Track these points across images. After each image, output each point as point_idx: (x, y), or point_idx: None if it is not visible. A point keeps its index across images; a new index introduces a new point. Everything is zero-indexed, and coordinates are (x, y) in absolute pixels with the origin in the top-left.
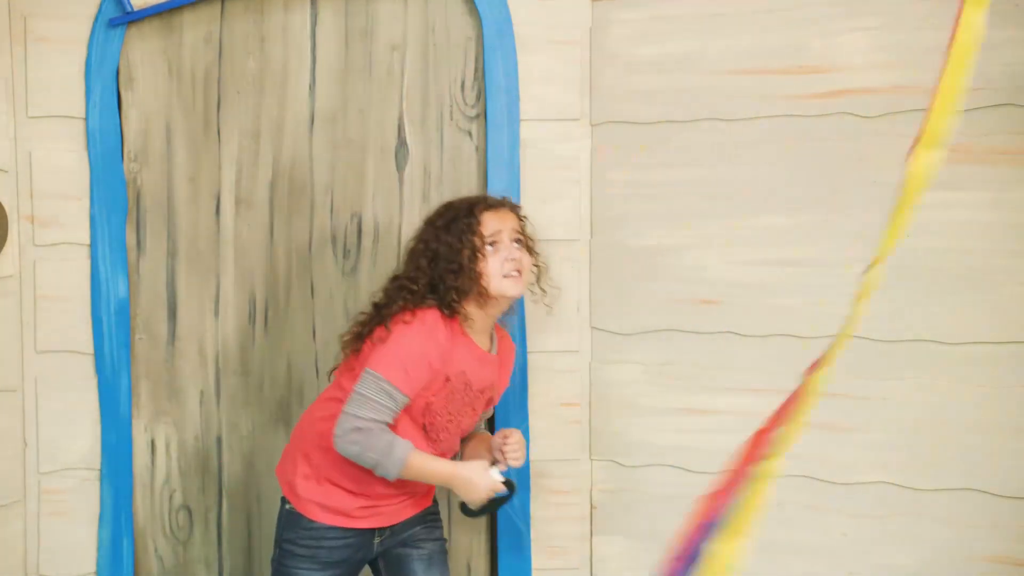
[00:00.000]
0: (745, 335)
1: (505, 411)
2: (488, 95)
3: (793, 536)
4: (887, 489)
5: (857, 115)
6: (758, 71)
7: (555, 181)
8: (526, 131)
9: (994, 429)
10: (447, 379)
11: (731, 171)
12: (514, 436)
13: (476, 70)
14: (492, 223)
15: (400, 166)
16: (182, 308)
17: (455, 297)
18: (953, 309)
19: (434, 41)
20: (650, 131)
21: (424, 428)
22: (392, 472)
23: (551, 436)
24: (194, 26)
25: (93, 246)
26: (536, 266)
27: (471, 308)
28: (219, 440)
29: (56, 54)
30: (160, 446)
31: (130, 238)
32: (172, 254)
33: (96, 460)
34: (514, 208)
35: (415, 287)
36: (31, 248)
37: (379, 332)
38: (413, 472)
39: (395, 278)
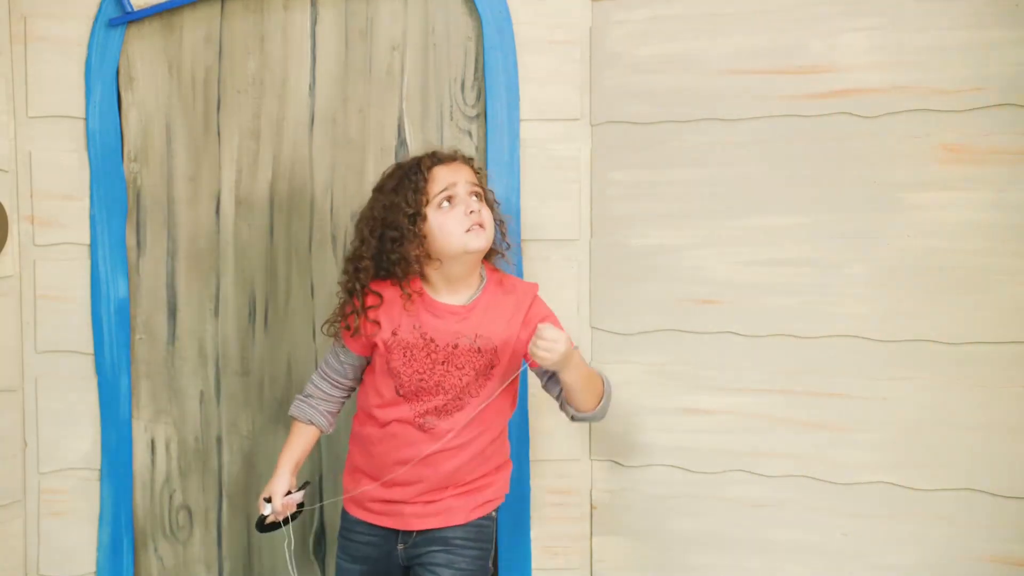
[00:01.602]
0: (745, 335)
1: None
2: (488, 95)
3: (793, 536)
4: (887, 489)
5: (857, 115)
6: (758, 71)
7: (555, 181)
8: (526, 131)
9: (994, 429)
10: (393, 333)
11: (731, 171)
12: (543, 332)
13: (476, 70)
14: (444, 177)
15: None
16: (182, 308)
17: (400, 271)
18: (953, 309)
19: (434, 41)
20: (650, 131)
21: (396, 390)
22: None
23: (551, 436)
24: (194, 26)
25: (93, 246)
26: (499, 220)
27: (429, 271)
28: (219, 440)
29: (56, 54)
30: (160, 446)
31: (130, 238)
32: (172, 254)
33: (96, 460)
34: (467, 160)
35: (363, 263)
36: (31, 248)
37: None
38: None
39: (347, 258)
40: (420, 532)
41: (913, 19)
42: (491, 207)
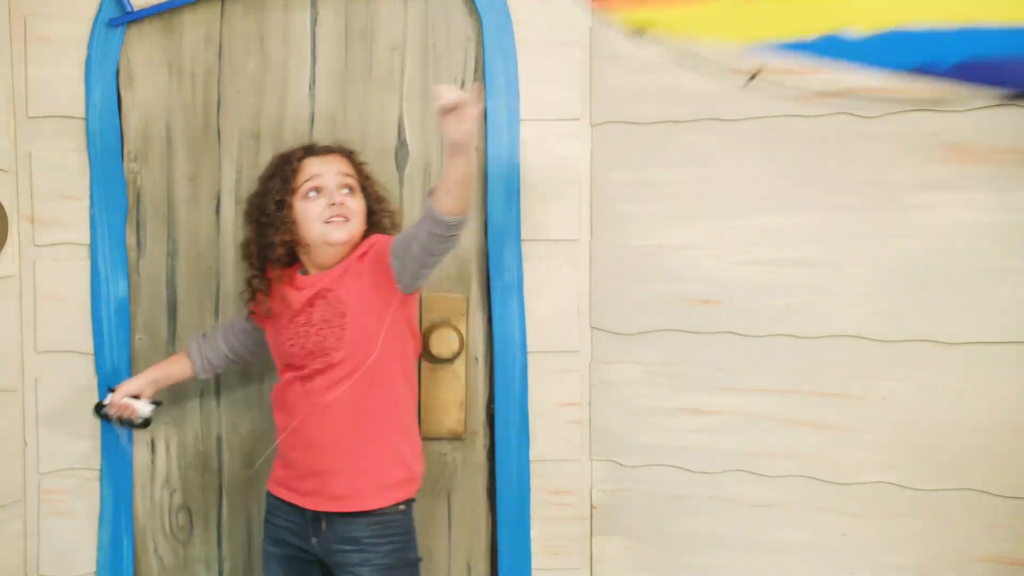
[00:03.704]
0: (745, 335)
1: (506, 411)
2: (488, 95)
3: (793, 536)
4: (887, 489)
5: (857, 115)
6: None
7: (555, 181)
8: (526, 131)
9: (994, 429)
10: (268, 309)
11: (731, 171)
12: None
13: (476, 70)
14: (312, 168)
15: (400, 166)
16: (182, 308)
17: (274, 256)
18: (953, 309)
19: (434, 41)
20: (650, 131)
21: (279, 365)
22: None
23: (551, 436)
24: (194, 26)
25: (93, 246)
26: (387, 212)
27: (300, 255)
28: (219, 440)
29: (56, 54)
30: (160, 446)
31: (130, 238)
32: (172, 254)
33: (96, 460)
34: (346, 153)
35: (251, 248)
36: (31, 248)
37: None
38: None
39: (240, 244)
40: (329, 526)
41: None
42: (376, 200)
